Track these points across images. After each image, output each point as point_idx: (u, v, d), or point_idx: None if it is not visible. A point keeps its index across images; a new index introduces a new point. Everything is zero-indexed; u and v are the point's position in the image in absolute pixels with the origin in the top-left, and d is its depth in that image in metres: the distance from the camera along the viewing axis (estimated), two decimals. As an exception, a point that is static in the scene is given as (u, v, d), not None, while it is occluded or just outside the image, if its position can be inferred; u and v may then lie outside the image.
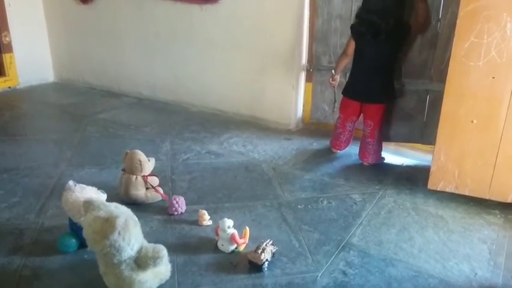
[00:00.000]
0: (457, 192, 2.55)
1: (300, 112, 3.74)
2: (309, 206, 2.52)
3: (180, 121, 3.84)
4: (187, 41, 4.03)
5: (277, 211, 2.45)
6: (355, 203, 2.56)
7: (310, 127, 3.73)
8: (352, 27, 2.98)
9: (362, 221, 2.37)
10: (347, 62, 3.13)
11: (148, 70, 4.35)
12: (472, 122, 2.39)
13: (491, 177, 2.43)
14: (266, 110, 3.77)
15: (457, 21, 2.30)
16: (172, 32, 4.09)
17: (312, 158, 3.17)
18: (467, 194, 2.53)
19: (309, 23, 3.51)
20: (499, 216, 2.42)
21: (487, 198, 2.48)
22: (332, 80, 3.24)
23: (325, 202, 2.56)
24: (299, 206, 2.51)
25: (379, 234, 2.25)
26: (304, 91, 3.69)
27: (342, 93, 3.12)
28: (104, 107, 4.17)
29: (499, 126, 2.34)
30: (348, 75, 3.12)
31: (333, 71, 3.23)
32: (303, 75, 3.64)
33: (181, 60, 4.13)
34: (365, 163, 3.05)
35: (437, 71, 2.98)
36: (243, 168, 2.98)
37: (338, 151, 3.23)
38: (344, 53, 3.10)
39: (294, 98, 3.64)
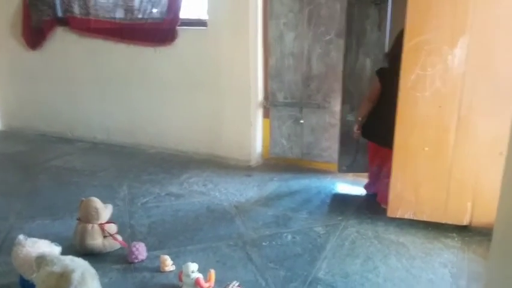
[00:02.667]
0: (415, 218, 2.61)
1: (259, 148, 3.77)
2: (274, 243, 2.49)
3: (137, 164, 3.77)
4: (142, 83, 4.01)
5: (242, 250, 2.41)
6: (319, 236, 2.56)
7: (270, 162, 3.75)
8: (383, 72, 2.85)
9: (326, 254, 2.36)
10: (370, 107, 2.91)
11: (103, 113, 4.27)
12: (424, 149, 2.48)
13: (446, 201, 2.51)
14: (225, 148, 3.77)
15: (402, 56, 2.41)
16: (126, 74, 4.06)
17: (274, 193, 3.17)
18: (425, 219, 2.59)
19: (264, 61, 3.59)
20: (456, 239, 2.48)
21: (444, 222, 2.56)
22: (357, 129, 2.96)
23: (289, 237, 2.55)
24: (264, 243, 2.48)
25: (344, 266, 2.25)
26: (263, 127, 3.74)
27: (380, 143, 2.88)
28: (57, 154, 4.03)
29: (449, 152, 2.44)
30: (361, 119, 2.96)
31: (358, 119, 2.96)
32: (260, 112, 3.69)
33: (136, 102, 4.09)
34: (385, 206, 2.74)
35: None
36: (205, 208, 2.94)
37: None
38: (369, 98, 2.91)
39: (252, 134, 3.67)
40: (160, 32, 3.78)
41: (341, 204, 2.98)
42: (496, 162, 2.29)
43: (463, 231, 2.54)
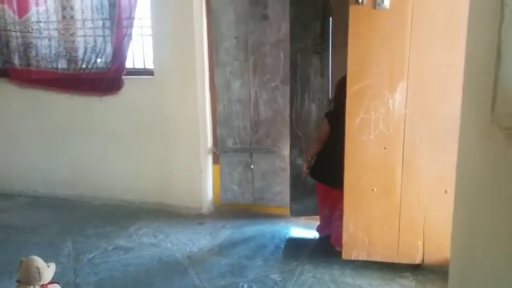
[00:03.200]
0: (369, 259, 2.63)
1: (210, 195, 3.71)
2: (230, 294, 2.41)
3: (82, 217, 3.58)
4: (86, 133, 3.88)
5: (197, 304, 2.31)
6: (276, 284, 2.51)
7: (222, 209, 3.70)
8: (330, 115, 2.94)
9: (285, 302, 2.32)
10: (319, 148, 2.98)
11: (44, 166, 4.06)
12: (373, 190, 2.55)
13: (398, 241, 2.57)
14: (176, 196, 3.68)
15: (346, 100, 2.51)
16: (70, 124, 3.92)
17: (227, 240, 3.11)
18: (379, 259, 2.62)
19: (211, 108, 3.61)
20: (410, 278, 2.53)
21: (397, 262, 2.60)
22: (306, 169, 3.00)
23: (246, 287, 2.48)
24: (220, 295, 2.40)
25: (304, 314, 2.21)
26: (213, 173, 3.70)
27: (330, 184, 2.93)
28: (-7, 211, 3.76)
29: (397, 192, 2.52)
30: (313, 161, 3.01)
31: (308, 159, 3.02)
32: (210, 158, 3.67)
33: (80, 153, 3.94)
34: (339, 249, 2.75)
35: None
36: (156, 261, 2.81)
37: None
38: (318, 139, 2.99)
39: (203, 181, 3.62)
40: (105, 81, 3.72)
41: (296, 248, 2.96)
42: (442, 200, 2.39)
43: (416, 270, 2.59)
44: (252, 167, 3.56)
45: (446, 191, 2.39)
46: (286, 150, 3.41)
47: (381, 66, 2.45)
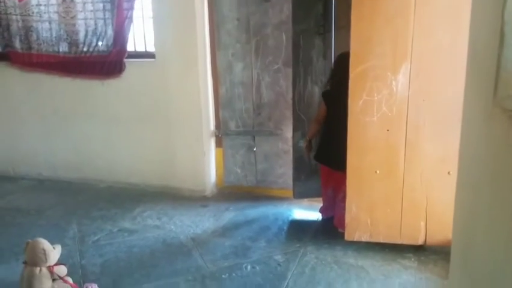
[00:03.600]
0: (372, 240, 2.65)
1: (213, 177, 3.73)
2: (234, 274, 2.45)
3: (87, 200, 3.61)
4: (89, 117, 3.89)
5: (201, 285, 2.35)
6: (279, 265, 2.54)
7: (225, 191, 3.72)
8: (327, 94, 2.94)
9: (288, 283, 2.35)
10: (319, 129, 3.00)
11: (48, 149, 4.08)
12: (376, 172, 2.56)
13: (400, 222, 2.58)
14: (179, 179, 3.70)
15: (349, 82, 2.50)
16: (72, 108, 3.92)
17: (231, 222, 3.13)
18: (381, 241, 2.64)
19: (214, 90, 3.60)
20: (413, 259, 2.55)
21: (400, 243, 2.62)
22: (306, 147, 3.03)
23: (249, 267, 2.51)
24: (223, 276, 2.43)
25: (307, 294, 2.24)
26: (216, 156, 3.71)
27: (332, 166, 2.91)
28: (-2, 194, 3.79)
29: (400, 174, 2.53)
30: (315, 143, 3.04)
31: (306, 139, 3.04)
32: (213, 141, 3.67)
33: (83, 136, 3.95)
34: (342, 230, 2.75)
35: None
36: (160, 243, 2.84)
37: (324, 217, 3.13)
38: (316, 120, 3.00)
39: (206, 164, 3.63)
40: (106, 64, 3.71)
41: (299, 230, 2.98)
42: (445, 181, 2.39)
43: (419, 250, 2.61)
44: (255, 149, 3.57)
45: (449, 173, 2.40)
46: (288, 133, 3.40)
47: (384, 48, 2.43)
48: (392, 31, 2.40)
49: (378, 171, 2.55)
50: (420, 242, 2.59)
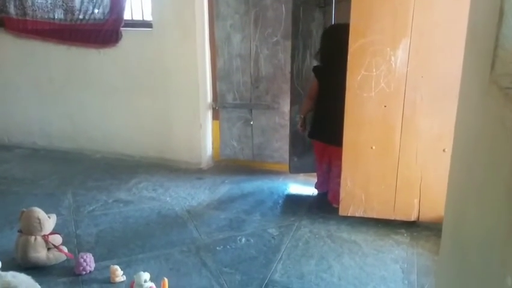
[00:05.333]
0: (365, 215, 2.67)
1: (209, 150, 3.72)
2: (228, 246, 2.47)
3: (82, 170, 3.60)
4: (84, 86, 3.84)
5: (196, 256, 2.37)
6: (273, 238, 2.56)
7: (221, 164, 3.72)
8: (318, 69, 2.91)
9: (281, 256, 2.37)
10: (312, 105, 2.96)
11: (43, 118, 4.05)
12: (372, 148, 2.55)
13: (394, 198, 2.59)
14: (175, 151, 3.69)
15: (348, 57, 2.46)
16: (67, 77, 3.88)
17: (226, 195, 3.14)
18: (375, 216, 2.66)
19: (211, 62, 3.55)
20: (405, 235, 2.57)
21: (393, 218, 2.64)
22: (300, 126, 2.99)
23: (243, 240, 2.54)
24: (218, 248, 2.45)
25: (300, 267, 2.26)
26: (212, 129, 3.70)
27: (326, 141, 2.91)
28: (-7, 162, 3.79)
29: (395, 150, 2.52)
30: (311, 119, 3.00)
31: (300, 116, 3.00)
32: (209, 114, 3.65)
33: (79, 106, 3.92)
34: (336, 205, 2.77)
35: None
36: (156, 214, 2.86)
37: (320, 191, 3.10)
38: (308, 96, 2.96)
39: (202, 137, 3.62)
40: (102, 33, 3.64)
41: (294, 204, 3.00)
42: (440, 159, 2.39)
43: (411, 227, 2.63)
44: (252, 123, 3.55)
45: (444, 150, 2.39)
46: (286, 107, 3.38)
47: (384, 22, 2.39)
48: (393, 6, 2.36)
49: (374, 147, 2.55)
50: (413, 218, 2.61)
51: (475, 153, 1.15)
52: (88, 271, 2.20)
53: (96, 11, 3.63)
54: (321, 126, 2.93)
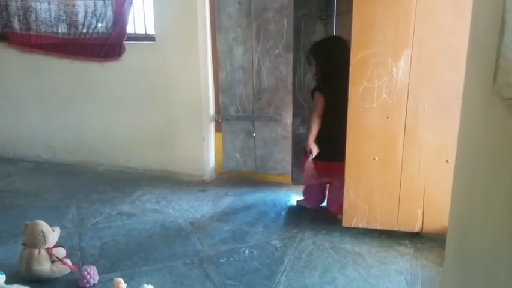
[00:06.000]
0: (369, 227, 2.66)
1: (212, 162, 3.73)
2: (232, 258, 2.46)
3: (86, 183, 3.61)
4: (88, 99, 3.87)
5: (199, 268, 2.36)
6: (276, 250, 2.55)
7: (223, 176, 3.72)
8: (321, 88, 2.84)
9: (285, 267, 2.36)
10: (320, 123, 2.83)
11: (47, 131, 4.07)
12: (374, 159, 2.56)
13: (398, 209, 2.59)
14: (178, 163, 3.70)
15: (350, 69, 2.48)
16: (71, 90, 3.91)
17: (229, 207, 3.14)
18: (378, 227, 2.65)
19: (214, 75, 3.58)
20: (409, 246, 2.56)
21: (397, 229, 2.63)
22: (311, 153, 2.79)
23: (247, 252, 2.53)
24: (221, 260, 2.44)
25: (303, 279, 2.25)
26: (215, 141, 3.71)
27: (326, 159, 2.84)
28: (-3, 175, 3.80)
29: (398, 161, 2.53)
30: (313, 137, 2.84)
31: (310, 143, 2.79)
32: (212, 126, 3.67)
33: (82, 119, 3.94)
34: (340, 216, 2.75)
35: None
36: (159, 227, 2.86)
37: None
38: (319, 116, 2.80)
39: (205, 149, 3.63)
40: (106, 46, 3.68)
41: (297, 216, 2.99)
42: (443, 169, 2.39)
43: (415, 238, 2.62)
44: (254, 135, 3.56)
45: (447, 161, 2.40)
46: (288, 119, 3.40)
47: (385, 34, 2.41)
48: (394, 17, 2.38)
49: (376, 158, 2.55)
50: (417, 229, 2.60)
51: (478, 163, 1.15)
52: (92, 284, 2.19)
53: (99, 25, 3.67)
54: (329, 147, 2.81)
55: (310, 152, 2.79)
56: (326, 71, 2.84)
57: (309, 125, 2.93)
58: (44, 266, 2.22)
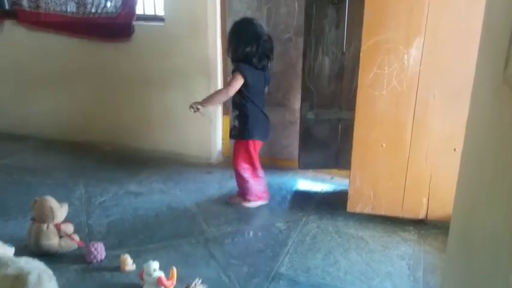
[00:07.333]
0: (373, 213, 2.68)
1: (219, 145, 3.75)
2: (236, 239, 2.50)
3: (94, 162, 3.65)
4: (97, 79, 3.89)
5: (204, 247, 2.40)
6: (280, 232, 2.58)
7: (230, 159, 3.71)
8: (244, 64, 2.74)
9: (288, 249, 2.39)
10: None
11: (55, 110, 4.10)
12: (382, 146, 2.56)
13: (403, 197, 2.60)
14: (185, 145, 3.72)
15: (361, 55, 2.47)
16: (80, 69, 3.92)
17: (235, 190, 3.15)
18: (383, 213, 2.67)
19: (222, 58, 3.57)
20: (413, 232, 2.58)
21: (401, 216, 2.64)
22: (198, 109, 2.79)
23: (251, 233, 2.56)
24: (226, 240, 2.48)
25: (306, 261, 2.29)
26: (223, 124, 3.72)
27: (258, 138, 2.87)
28: (7, 152, 3.83)
29: (405, 149, 2.53)
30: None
31: (201, 105, 2.79)
32: (220, 109, 3.67)
33: (91, 99, 3.96)
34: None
35: (346, 101, 3.16)
36: (165, 206, 2.89)
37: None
38: (227, 92, 2.75)
39: (212, 132, 3.65)
40: (115, 26, 3.68)
41: (302, 200, 3.02)
42: (450, 158, 2.39)
43: (419, 224, 2.64)
44: (262, 119, 3.56)
45: (454, 149, 2.39)
46: (296, 104, 3.39)
47: (398, 20, 2.39)
48: (407, 3, 2.35)
49: (384, 145, 2.55)
50: (421, 216, 2.62)
51: (485, 153, 1.16)
52: (99, 260, 2.24)
53: (108, 4, 3.66)
54: (263, 126, 2.87)
55: (197, 109, 2.77)
56: (238, 51, 2.74)
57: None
58: (52, 241, 2.27)
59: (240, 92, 2.73)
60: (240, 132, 2.81)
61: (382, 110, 2.51)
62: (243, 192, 2.90)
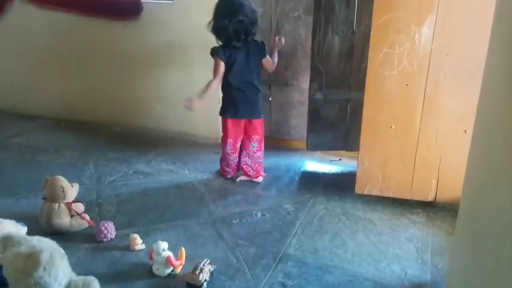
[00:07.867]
0: (382, 194, 2.67)
1: (227, 125, 3.73)
2: (244, 220, 2.51)
3: (103, 141, 3.67)
4: (105, 58, 3.88)
5: (212, 228, 2.42)
6: (288, 213, 2.59)
7: (238, 140, 3.73)
8: (216, 47, 2.86)
9: (296, 231, 2.40)
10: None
11: (65, 89, 4.11)
12: (391, 127, 2.53)
13: (412, 178, 2.58)
14: (193, 126, 3.72)
15: (371, 34, 2.43)
16: (88, 48, 3.91)
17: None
18: (391, 195, 2.66)
19: (232, 37, 3.53)
20: (421, 214, 2.57)
21: (410, 198, 2.63)
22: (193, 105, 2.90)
23: (259, 214, 2.57)
24: (234, 221, 2.50)
25: (314, 242, 2.30)
26: (231, 104, 3.70)
27: (227, 115, 2.96)
28: (17, 131, 3.87)
29: (415, 130, 2.50)
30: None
31: (197, 98, 2.92)
32: (228, 89, 3.65)
33: (99, 78, 3.96)
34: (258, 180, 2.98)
35: (355, 81, 3.12)
36: (174, 186, 2.91)
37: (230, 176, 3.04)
38: (213, 79, 2.91)
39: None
40: (123, 5, 3.65)
41: (310, 181, 3.01)
42: (461, 140, 2.35)
43: (428, 207, 2.63)
44: (270, 99, 3.55)
45: (465, 131, 2.36)
46: (305, 84, 3.36)
47: (410, -2, 2.33)
48: (420, -20, 2.30)
49: (393, 127, 2.53)
50: (430, 198, 2.61)
51: (495, 136, 1.14)
52: (109, 238, 2.27)
53: (117, -18, 3.62)
54: (233, 104, 2.92)
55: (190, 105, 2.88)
56: (211, 26, 2.81)
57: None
58: (64, 220, 2.30)
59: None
60: (220, 109, 2.99)
61: (392, 91, 2.47)
62: (243, 170, 3.00)
